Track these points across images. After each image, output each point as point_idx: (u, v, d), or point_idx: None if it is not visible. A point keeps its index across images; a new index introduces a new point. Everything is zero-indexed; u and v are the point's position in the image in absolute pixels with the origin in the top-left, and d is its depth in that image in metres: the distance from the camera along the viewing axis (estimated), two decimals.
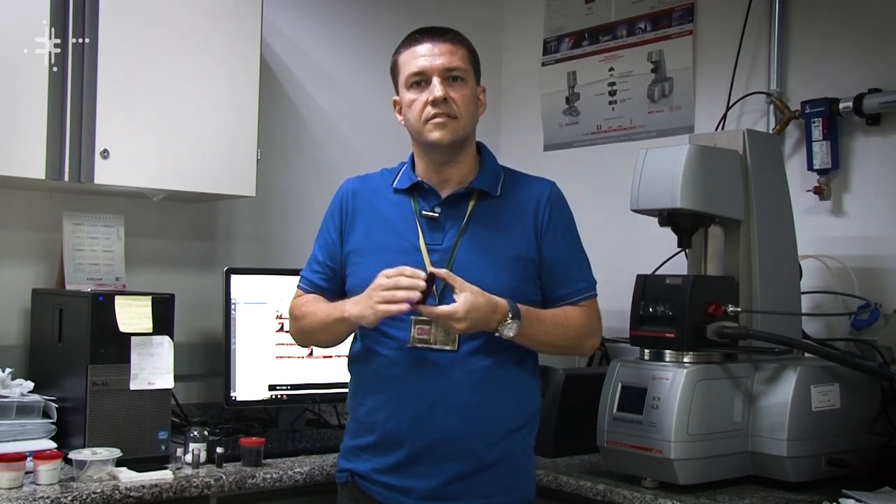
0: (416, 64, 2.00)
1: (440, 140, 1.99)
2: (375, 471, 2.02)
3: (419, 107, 2.00)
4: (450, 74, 2.00)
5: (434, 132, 1.99)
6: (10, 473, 2.03)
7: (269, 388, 2.74)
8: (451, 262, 1.99)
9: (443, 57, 2.00)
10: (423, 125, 2.00)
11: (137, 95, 2.46)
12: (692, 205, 2.22)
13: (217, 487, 2.21)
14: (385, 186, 2.11)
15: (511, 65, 3.63)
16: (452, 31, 2.06)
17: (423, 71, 2.00)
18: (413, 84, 2.01)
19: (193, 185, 2.59)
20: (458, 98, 2.00)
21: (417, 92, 2.01)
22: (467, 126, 2.03)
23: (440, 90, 1.97)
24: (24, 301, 2.60)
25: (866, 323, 2.46)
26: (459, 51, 2.03)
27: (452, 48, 2.02)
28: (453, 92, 2.00)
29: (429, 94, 1.98)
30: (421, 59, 2.00)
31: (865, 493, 2.04)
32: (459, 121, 2.00)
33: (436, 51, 2.00)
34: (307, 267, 2.17)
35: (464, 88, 2.02)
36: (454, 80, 2.00)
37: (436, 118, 1.98)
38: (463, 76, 2.02)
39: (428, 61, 2.00)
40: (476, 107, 2.06)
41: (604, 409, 2.27)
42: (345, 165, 3.01)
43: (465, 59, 2.04)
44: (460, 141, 2.02)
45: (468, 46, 2.06)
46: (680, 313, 2.19)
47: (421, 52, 2.01)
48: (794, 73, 2.78)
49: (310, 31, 3.21)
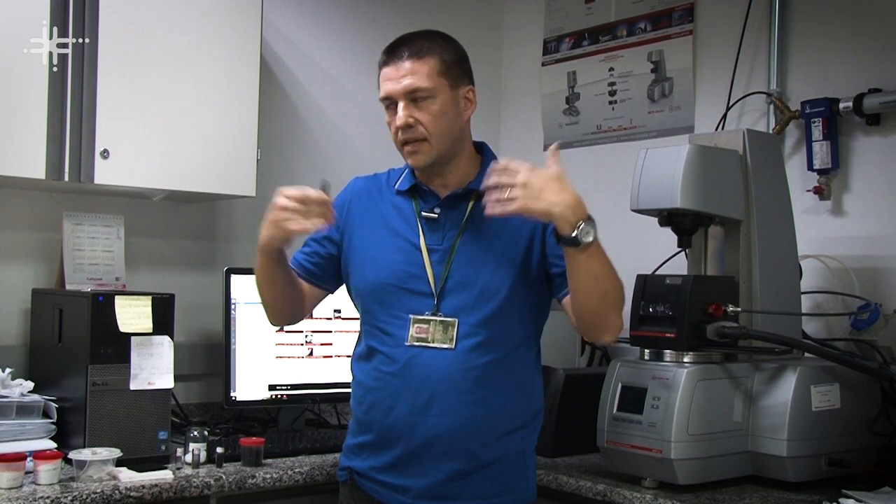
0: (384, 87, 1.99)
1: (416, 165, 2.02)
2: (373, 469, 2.02)
3: (392, 130, 2.00)
4: (413, 96, 1.96)
5: (409, 158, 2.01)
6: (10, 473, 2.03)
7: (269, 388, 2.74)
8: (450, 262, 1.99)
9: (405, 79, 1.95)
10: (400, 148, 2.02)
11: (137, 95, 2.46)
12: (692, 205, 2.22)
13: (217, 487, 2.21)
14: (389, 187, 2.12)
15: (511, 65, 3.63)
16: (418, 43, 1.99)
17: (388, 95, 1.98)
18: (385, 105, 2.01)
19: (193, 185, 2.59)
20: (424, 119, 1.96)
21: (390, 116, 2.00)
22: (441, 143, 1.99)
23: (402, 117, 1.95)
24: (24, 301, 2.60)
25: (866, 323, 2.46)
26: (424, 67, 1.96)
27: (415, 66, 1.96)
28: (419, 113, 1.96)
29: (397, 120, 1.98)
30: (387, 82, 1.98)
31: (865, 493, 2.04)
32: (430, 141, 1.97)
33: (397, 73, 1.96)
34: (301, 248, 2.17)
35: (432, 105, 1.96)
36: (419, 99, 1.96)
37: (405, 145, 1.99)
38: (429, 94, 1.96)
39: (392, 85, 1.97)
40: (454, 116, 2.00)
41: (604, 409, 2.27)
42: (345, 165, 3.02)
43: (433, 73, 1.97)
44: (439, 159, 2.01)
45: (439, 56, 1.99)
46: (680, 313, 2.19)
47: (385, 75, 1.99)
48: (794, 73, 2.78)
49: (310, 31, 3.21)
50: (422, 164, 2.00)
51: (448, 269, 1.99)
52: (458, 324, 1.96)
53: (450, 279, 1.99)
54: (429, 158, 1.99)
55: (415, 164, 2.01)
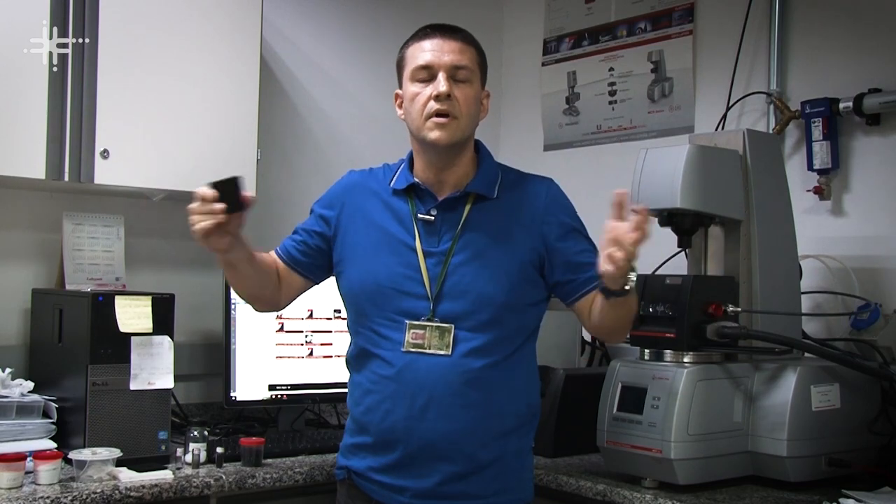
0: (424, 57, 1.98)
1: (438, 140, 1.97)
2: (371, 469, 2.02)
3: (422, 101, 1.97)
4: (456, 73, 1.98)
5: (434, 131, 1.97)
6: (10, 473, 2.03)
7: (268, 388, 2.74)
8: (447, 266, 1.98)
9: (452, 54, 1.98)
10: (423, 121, 1.98)
11: (137, 95, 2.46)
12: (692, 205, 2.22)
13: (217, 487, 2.21)
14: (384, 185, 2.10)
15: (511, 65, 3.63)
16: (464, 31, 2.05)
17: (430, 65, 1.97)
18: (418, 77, 1.99)
19: (193, 185, 2.55)
20: (461, 97, 1.97)
21: (422, 86, 1.98)
22: (467, 128, 2.01)
23: (445, 86, 1.95)
24: (24, 301, 2.60)
25: (866, 323, 2.46)
26: (469, 51, 2.01)
27: (462, 47, 2.00)
28: (458, 91, 1.97)
29: (433, 89, 1.96)
30: (429, 53, 1.98)
31: (865, 493, 2.04)
32: (459, 121, 1.98)
33: (445, 47, 1.98)
34: (289, 236, 2.17)
35: (468, 89, 1.99)
36: (460, 79, 1.98)
37: (437, 116, 1.96)
38: (469, 77, 2.00)
39: (436, 56, 1.97)
40: (478, 109, 2.04)
41: (604, 409, 2.27)
42: (345, 165, 2.97)
43: (474, 60, 2.02)
44: (458, 143, 2.01)
45: (478, 49, 2.05)
46: (680, 313, 2.19)
47: (429, 47, 1.99)
48: (794, 73, 2.78)
49: (310, 31, 3.21)
50: (445, 140, 1.97)
51: (444, 273, 1.98)
52: (454, 329, 1.96)
53: (446, 283, 1.98)
54: (453, 137, 1.98)
55: (438, 138, 1.97)
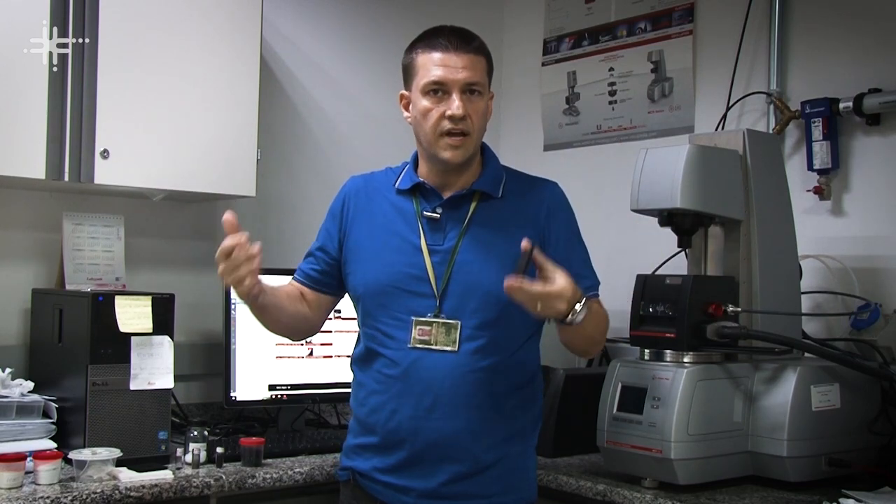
0: (436, 73, 1.94)
1: (452, 160, 1.97)
2: (376, 470, 2.02)
3: (435, 117, 1.95)
4: (468, 88, 1.95)
5: (447, 151, 1.96)
6: (10, 473, 2.03)
7: (269, 388, 2.74)
8: (452, 264, 1.99)
9: (465, 71, 1.93)
10: (436, 139, 1.96)
11: (137, 95, 2.46)
12: (692, 205, 2.22)
13: (217, 487, 2.21)
14: (388, 186, 2.10)
15: (511, 65, 3.63)
16: (476, 38, 2.00)
17: (443, 81, 1.94)
18: (430, 92, 1.95)
19: (193, 185, 2.59)
20: (474, 113, 1.95)
21: (434, 102, 1.95)
22: (478, 141, 2.01)
23: (460, 108, 1.92)
24: (24, 301, 2.60)
25: (866, 323, 2.46)
26: (480, 63, 1.97)
27: (474, 60, 1.95)
28: (470, 106, 1.95)
29: (446, 108, 1.93)
30: (441, 69, 1.93)
31: (865, 493, 2.04)
32: (472, 137, 1.97)
33: (459, 63, 1.93)
34: (304, 259, 2.16)
35: (480, 102, 1.97)
36: (472, 93, 1.96)
37: (451, 136, 1.94)
38: (481, 90, 1.97)
39: (450, 73, 1.93)
40: (486, 120, 2.02)
41: (604, 409, 2.27)
42: (345, 166, 3.01)
43: (485, 70, 1.99)
44: (471, 157, 2.01)
45: (488, 56, 2.01)
46: (680, 313, 2.19)
47: (442, 61, 1.94)
48: (794, 73, 2.78)
49: (310, 31, 3.21)
50: (460, 158, 1.97)
51: (450, 271, 1.98)
52: (461, 326, 1.96)
53: (452, 280, 1.98)
54: (467, 154, 1.98)
55: (453, 158, 1.96)
